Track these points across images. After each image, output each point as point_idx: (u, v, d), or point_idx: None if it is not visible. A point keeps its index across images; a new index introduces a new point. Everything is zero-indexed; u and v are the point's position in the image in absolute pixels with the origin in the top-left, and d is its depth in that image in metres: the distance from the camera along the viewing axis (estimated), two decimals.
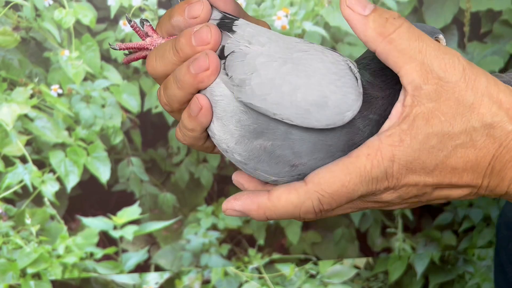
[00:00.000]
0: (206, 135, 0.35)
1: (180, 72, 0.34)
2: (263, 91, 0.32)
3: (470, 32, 0.63)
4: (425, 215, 0.68)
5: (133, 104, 0.62)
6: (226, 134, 0.34)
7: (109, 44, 0.38)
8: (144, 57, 0.43)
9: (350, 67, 0.32)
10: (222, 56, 0.33)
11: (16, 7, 0.59)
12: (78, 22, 0.60)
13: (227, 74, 0.33)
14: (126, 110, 0.62)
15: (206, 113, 0.34)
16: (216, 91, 0.33)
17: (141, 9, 0.60)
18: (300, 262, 0.67)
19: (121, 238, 0.65)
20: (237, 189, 0.36)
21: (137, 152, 0.63)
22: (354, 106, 0.31)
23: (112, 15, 0.60)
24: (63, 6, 0.60)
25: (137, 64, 0.61)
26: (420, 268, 0.68)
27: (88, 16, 0.60)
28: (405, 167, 0.31)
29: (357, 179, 0.31)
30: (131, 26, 0.39)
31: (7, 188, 0.62)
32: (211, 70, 0.34)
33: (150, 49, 0.37)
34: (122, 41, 0.61)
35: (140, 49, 0.39)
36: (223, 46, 0.34)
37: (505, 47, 0.63)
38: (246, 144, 0.33)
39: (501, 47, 0.63)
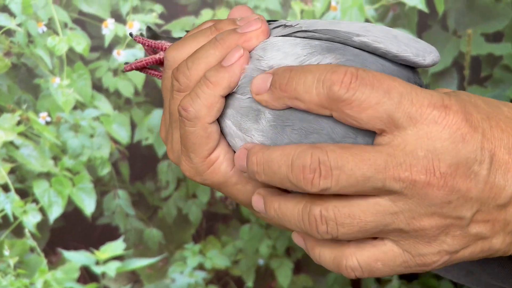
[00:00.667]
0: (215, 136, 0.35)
1: (223, 33, 0.34)
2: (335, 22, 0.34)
3: (470, 75, 0.61)
4: None
5: (123, 135, 0.61)
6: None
7: (124, 64, 0.40)
8: (157, 76, 0.42)
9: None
10: None
11: (9, 33, 0.58)
12: (71, 49, 0.59)
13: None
14: (115, 141, 0.61)
15: (243, 62, 0.33)
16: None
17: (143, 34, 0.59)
18: None
19: (103, 274, 0.62)
20: (226, 228, 0.34)
21: (124, 185, 0.61)
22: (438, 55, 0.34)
23: (106, 44, 0.59)
24: (57, 33, 0.59)
25: (129, 94, 0.60)
26: None
27: (81, 44, 0.59)
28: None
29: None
30: (137, 40, 0.39)
31: None
32: (262, 30, 0.34)
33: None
34: (116, 71, 0.60)
35: (154, 63, 0.39)
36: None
37: (506, 92, 0.62)
38: None
39: (501, 92, 0.62)
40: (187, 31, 0.39)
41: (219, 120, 0.36)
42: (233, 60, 0.33)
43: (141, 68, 0.42)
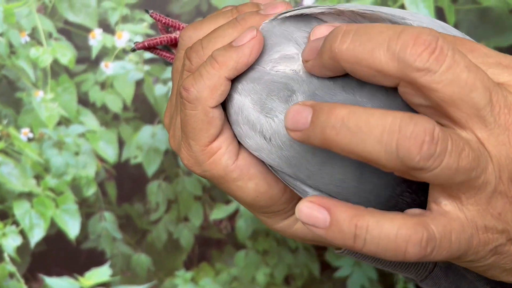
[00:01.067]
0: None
1: (245, 14, 0.33)
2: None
3: None
4: None
5: (110, 153, 0.57)
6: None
7: (134, 43, 0.40)
8: (168, 58, 0.41)
9: None
10: None
11: None
12: (55, 61, 0.55)
13: None
14: (101, 160, 0.57)
15: (255, 44, 0.31)
16: None
17: (125, 51, 0.55)
18: None
19: None
20: (220, 254, 0.30)
21: (111, 207, 0.57)
22: None
23: (94, 55, 0.55)
24: (41, 44, 0.55)
25: (117, 109, 0.56)
26: None
27: (67, 55, 0.55)
28: None
29: None
30: (152, 16, 0.39)
31: None
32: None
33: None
34: (103, 84, 0.56)
35: (168, 42, 0.38)
36: None
37: None
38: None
39: None
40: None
41: (226, 105, 0.33)
42: (244, 40, 0.31)
43: (153, 47, 0.40)
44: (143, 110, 0.56)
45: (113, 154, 0.57)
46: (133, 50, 0.39)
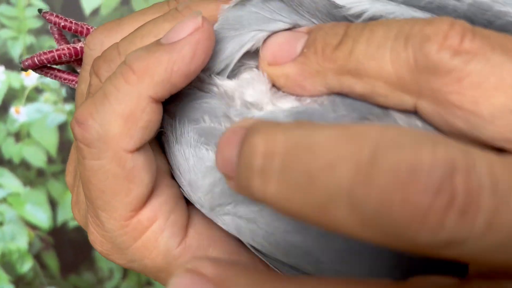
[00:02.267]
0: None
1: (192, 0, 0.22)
2: None
3: None
4: None
5: (42, 218, 0.45)
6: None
7: (21, 60, 0.26)
8: (70, 82, 0.28)
9: None
10: None
11: None
12: None
13: None
14: (32, 227, 0.46)
15: (203, 40, 0.19)
16: None
17: (38, 90, 0.44)
18: None
19: None
20: None
21: (55, 281, 0.46)
22: None
23: (0, 101, 0.44)
24: None
25: (40, 163, 0.45)
26: None
27: None
28: None
29: None
30: (46, 18, 0.27)
31: None
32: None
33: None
34: (17, 135, 0.44)
35: (69, 56, 0.26)
36: None
37: None
38: None
39: None
40: None
41: (163, 141, 0.21)
42: (181, 33, 0.19)
43: (46, 66, 0.27)
44: None
45: (46, 218, 0.45)
46: (22, 69, 0.27)
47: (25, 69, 0.27)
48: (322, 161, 0.12)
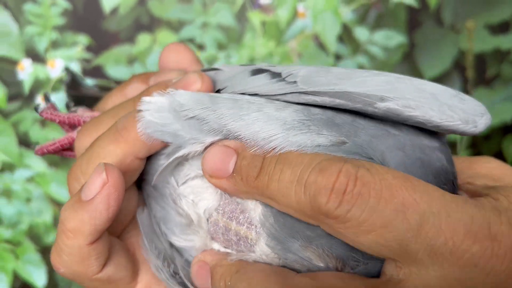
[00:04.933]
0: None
1: (127, 116, 0.24)
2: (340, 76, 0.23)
3: (474, 76, 0.51)
4: None
5: (65, 195, 0.51)
6: None
7: (35, 146, 0.30)
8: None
9: None
10: None
11: None
12: None
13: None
14: (57, 203, 0.51)
15: (112, 193, 0.23)
16: None
17: (62, 81, 0.48)
18: None
19: None
20: None
21: None
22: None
23: (27, 90, 0.48)
24: None
25: None
26: None
27: None
28: None
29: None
30: (44, 116, 0.30)
31: None
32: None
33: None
34: (43, 121, 0.49)
35: (70, 143, 0.30)
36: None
37: None
38: None
39: None
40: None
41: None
42: (93, 191, 0.23)
43: (55, 152, 0.32)
44: None
45: (68, 194, 0.51)
46: (35, 153, 0.32)
47: (37, 155, 0.32)
48: None
